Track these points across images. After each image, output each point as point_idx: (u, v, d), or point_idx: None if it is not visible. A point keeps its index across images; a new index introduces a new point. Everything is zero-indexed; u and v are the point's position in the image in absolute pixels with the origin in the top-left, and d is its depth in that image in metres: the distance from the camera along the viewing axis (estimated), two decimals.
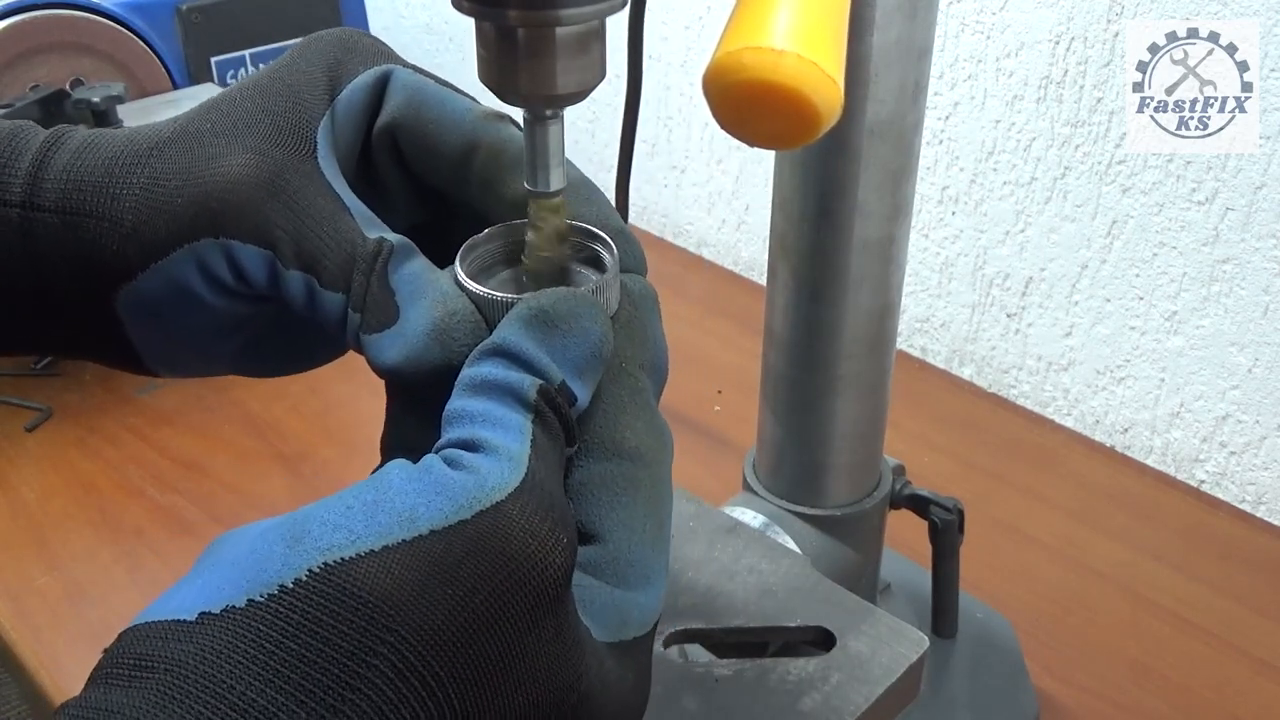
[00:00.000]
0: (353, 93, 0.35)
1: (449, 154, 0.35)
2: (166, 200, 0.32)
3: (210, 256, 0.32)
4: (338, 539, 0.24)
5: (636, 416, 0.30)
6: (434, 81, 0.36)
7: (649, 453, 0.30)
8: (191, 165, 0.33)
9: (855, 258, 0.49)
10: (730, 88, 0.27)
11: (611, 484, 0.29)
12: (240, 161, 0.33)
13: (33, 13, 0.97)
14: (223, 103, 0.34)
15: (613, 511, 0.29)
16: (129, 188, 0.33)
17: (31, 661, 0.67)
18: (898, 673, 0.41)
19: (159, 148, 0.33)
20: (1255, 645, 0.68)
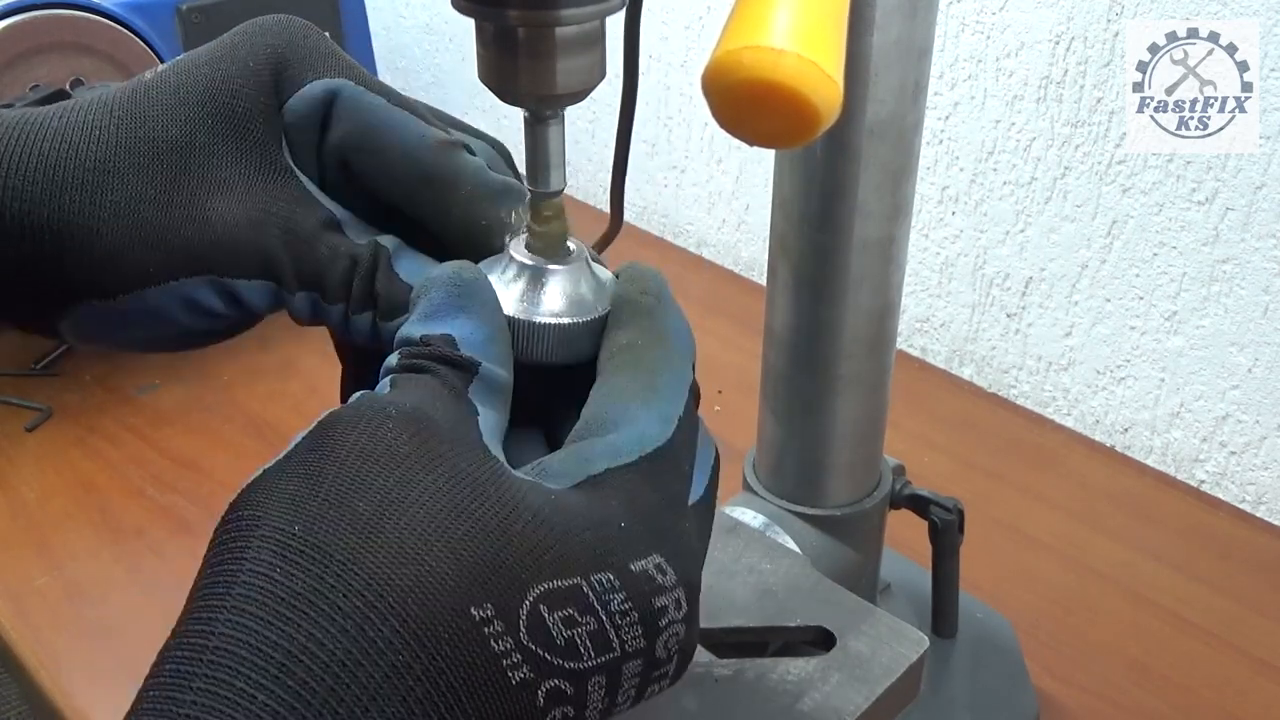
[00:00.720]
0: (300, 104, 0.33)
1: (401, 185, 0.34)
2: (153, 232, 0.31)
3: (202, 290, 0.32)
4: None
5: (623, 372, 0.31)
6: (382, 101, 0.34)
7: (643, 342, 0.31)
8: (173, 192, 0.32)
9: (855, 258, 0.49)
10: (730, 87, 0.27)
11: (603, 377, 0.31)
12: (233, 199, 0.32)
13: (33, 13, 0.97)
14: (166, 98, 0.33)
15: (595, 393, 0.30)
16: (99, 206, 0.31)
17: (31, 661, 0.67)
18: (898, 673, 0.41)
19: (120, 159, 0.32)
20: (1255, 645, 0.68)
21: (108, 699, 0.65)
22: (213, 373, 0.92)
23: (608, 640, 0.26)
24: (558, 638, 0.25)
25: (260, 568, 0.24)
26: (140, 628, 0.69)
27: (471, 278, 0.30)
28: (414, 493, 0.25)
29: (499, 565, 0.25)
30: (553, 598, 0.25)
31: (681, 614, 0.28)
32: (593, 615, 0.26)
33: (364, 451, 0.26)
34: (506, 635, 0.25)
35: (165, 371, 0.92)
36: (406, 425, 0.26)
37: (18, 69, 0.97)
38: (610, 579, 0.26)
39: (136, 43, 1.02)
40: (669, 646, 0.28)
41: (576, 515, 0.27)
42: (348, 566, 0.24)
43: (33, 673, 0.67)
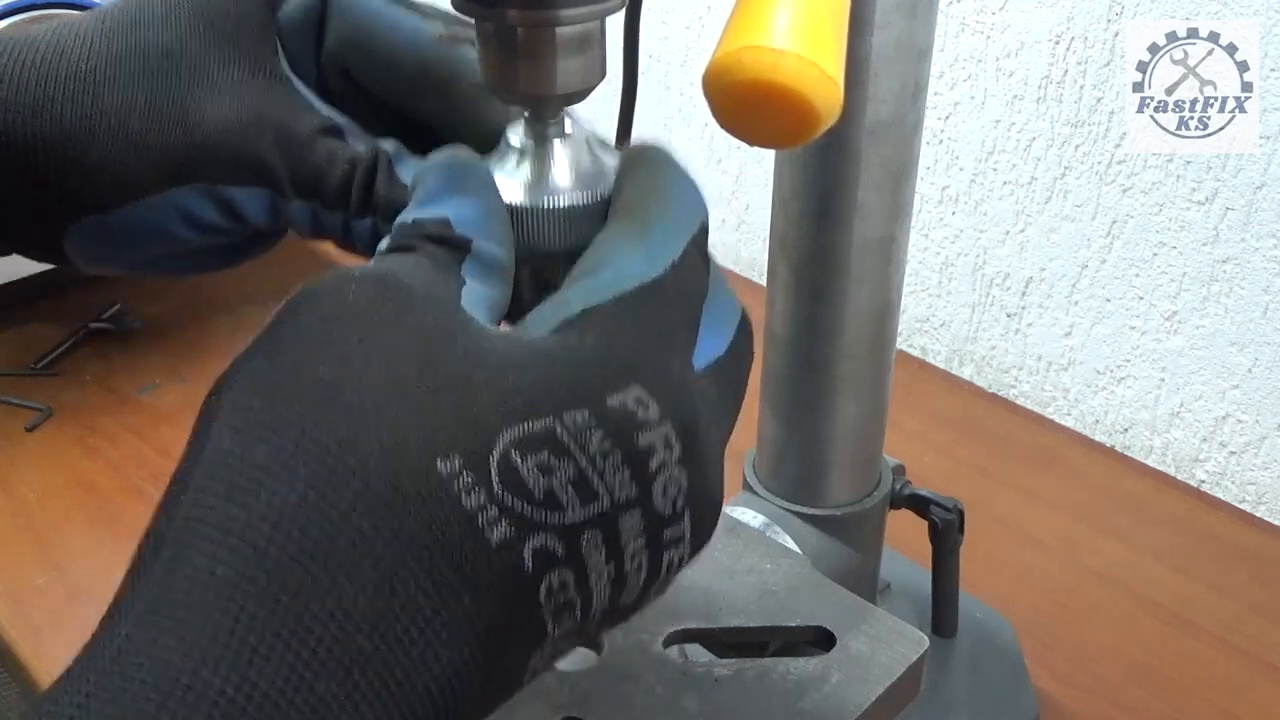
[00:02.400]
0: (294, 9, 0.33)
1: (401, 83, 0.33)
2: (144, 139, 0.31)
3: (196, 200, 0.32)
4: None
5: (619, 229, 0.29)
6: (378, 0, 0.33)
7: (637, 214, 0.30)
8: (165, 99, 0.31)
9: (855, 258, 0.49)
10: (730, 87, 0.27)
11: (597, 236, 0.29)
12: (223, 103, 0.31)
13: (33, 13, 0.97)
14: (157, 5, 0.32)
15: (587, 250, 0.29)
16: (89, 116, 0.31)
17: (31, 661, 0.67)
18: (898, 672, 0.41)
19: (110, 68, 0.31)
20: (1255, 645, 0.68)
21: None
22: (213, 373, 0.91)
23: (591, 487, 0.24)
24: (535, 487, 0.23)
25: (222, 444, 0.23)
26: None
27: (466, 159, 0.29)
28: (375, 350, 0.24)
29: (464, 414, 0.23)
30: (524, 443, 0.23)
31: (674, 455, 0.25)
32: (570, 458, 0.24)
33: (325, 316, 0.24)
34: (478, 487, 0.23)
35: (165, 371, 0.92)
36: (372, 286, 0.25)
37: None
38: (584, 416, 0.24)
39: None
40: (669, 496, 0.25)
41: (547, 355, 0.25)
42: (306, 433, 0.22)
43: (33, 673, 0.67)
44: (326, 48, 0.33)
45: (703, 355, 0.28)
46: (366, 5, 0.33)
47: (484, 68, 0.31)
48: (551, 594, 0.24)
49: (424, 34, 0.33)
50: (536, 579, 0.23)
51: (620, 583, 0.25)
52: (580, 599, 0.24)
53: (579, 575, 0.24)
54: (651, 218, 0.29)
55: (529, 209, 0.30)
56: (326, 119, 0.33)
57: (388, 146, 0.32)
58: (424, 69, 0.33)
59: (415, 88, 0.33)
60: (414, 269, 0.26)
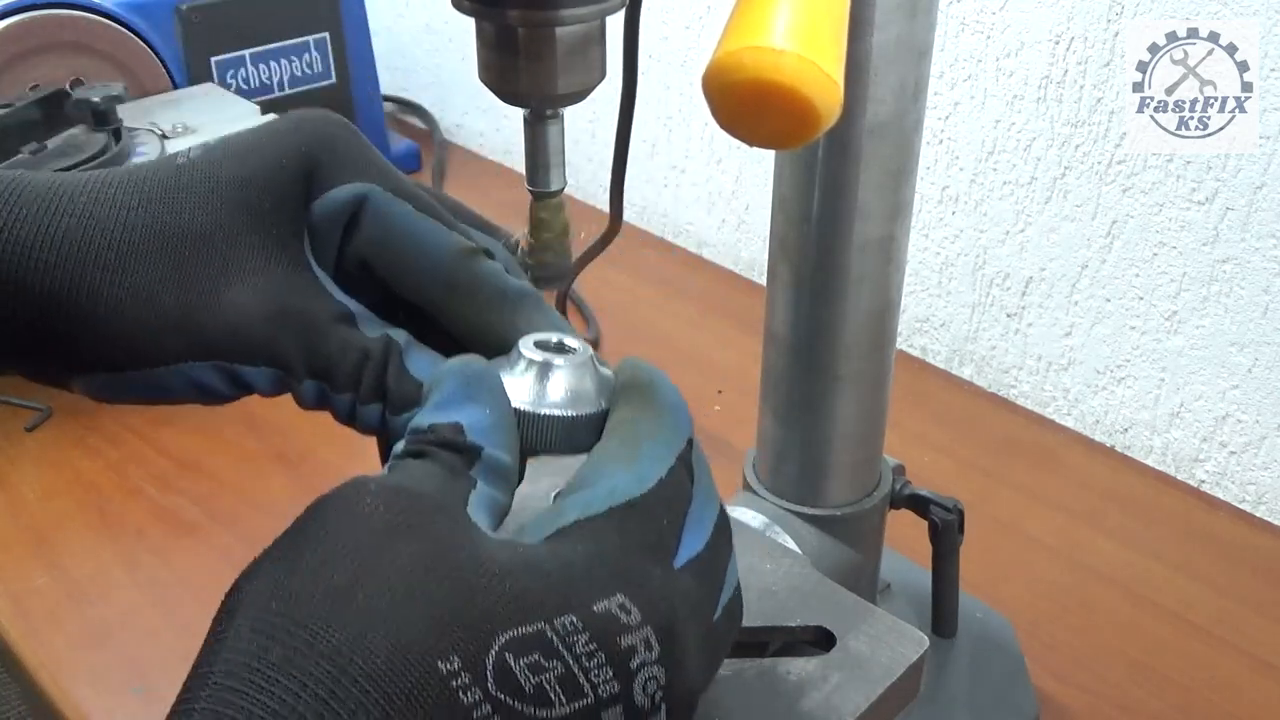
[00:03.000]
0: (327, 207, 0.34)
1: (424, 289, 0.35)
2: (168, 317, 0.32)
3: (208, 373, 0.33)
4: None
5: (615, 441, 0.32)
6: (409, 210, 0.35)
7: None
8: (194, 281, 0.32)
9: (855, 258, 0.49)
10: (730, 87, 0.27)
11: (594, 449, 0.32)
12: (245, 295, 0.33)
13: (33, 13, 0.97)
14: (198, 185, 0.33)
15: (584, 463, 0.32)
16: (118, 289, 0.32)
17: (31, 661, 0.67)
18: (898, 672, 0.41)
19: (146, 245, 0.32)
20: (1255, 645, 0.68)
21: (108, 699, 0.65)
22: None
23: (578, 684, 0.26)
24: (526, 685, 0.25)
25: (240, 644, 0.25)
26: (140, 628, 0.69)
27: (480, 369, 0.32)
28: (387, 558, 0.26)
29: (464, 619, 0.25)
30: (518, 645, 0.26)
31: (654, 655, 0.28)
32: (558, 659, 0.26)
33: (341, 526, 0.27)
34: (475, 686, 0.25)
35: None
36: (386, 497, 0.27)
37: (18, 69, 0.97)
38: (573, 621, 0.27)
39: (136, 43, 1.02)
40: (648, 692, 0.27)
41: (540, 563, 0.28)
42: (319, 635, 0.24)
43: (33, 673, 0.67)
44: (354, 244, 0.35)
45: (684, 554, 0.30)
46: (399, 215, 0.35)
47: (484, 68, 0.31)
48: None
49: (449, 248, 0.35)
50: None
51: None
52: None
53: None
54: (642, 438, 0.31)
55: (534, 416, 0.32)
56: (342, 307, 0.34)
57: (399, 337, 0.34)
58: (447, 281, 0.35)
59: (436, 293, 0.35)
60: (426, 477, 0.29)
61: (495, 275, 0.35)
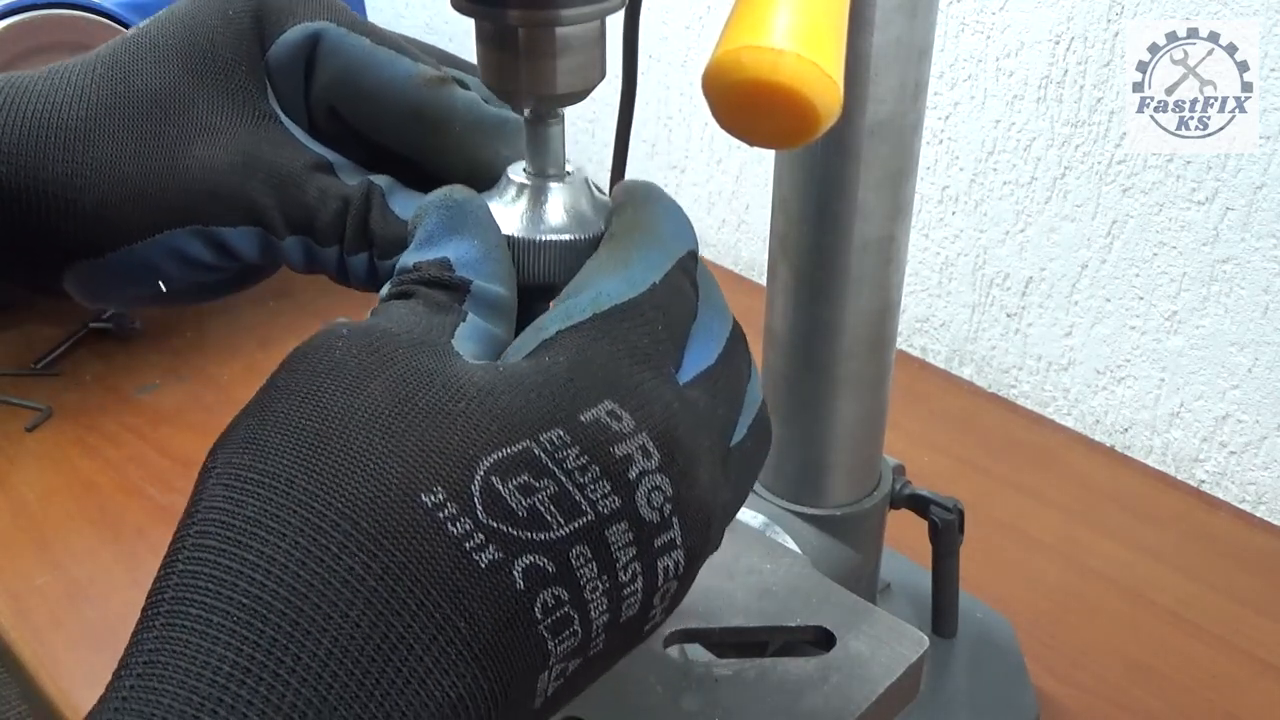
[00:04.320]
0: (282, 50, 0.33)
1: (392, 126, 0.34)
2: (135, 185, 0.31)
3: (189, 241, 0.32)
4: None
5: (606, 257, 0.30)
6: (366, 42, 0.33)
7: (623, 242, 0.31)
8: (155, 144, 0.31)
9: (855, 258, 0.49)
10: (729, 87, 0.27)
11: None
12: (214, 146, 0.32)
13: (33, 13, 0.97)
14: (147, 51, 0.32)
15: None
16: (82, 165, 0.31)
17: (31, 661, 0.67)
18: (898, 672, 0.41)
19: (102, 117, 0.31)
20: (1255, 645, 0.68)
21: None
22: (213, 373, 0.92)
23: (574, 502, 0.24)
24: (518, 508, 0.24)
25: (214, 503, 0.24)
26: None
27: (464, 198, 0.30)
28: (358, 399, 0.25)
29: (444, 447, 0.24)
30: (503, 467, 0.24)
31: (654, 463, 0.26)
32: (549, 477, 0.24)
33: (312, 373, 0.25)
34: (463, 516, 0.23)
35: (165, 371, 0.92)
36: (359, 339, 0.26)
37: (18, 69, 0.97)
38: (560, 435, 0.25)
39: None
40: (654, 504, 0.26)
41: (521, 379, 0.26)
42: (294, 483, 0.23)
43: (33, 673, 0.67)
44: (315, 88, 0.34)
45: (690, 367, 0.29)
46: (356, 47, 0.33)
47: (484, 67, 0.31)
48: (547, 611, 0.24)
49: (414, 76, 0.33)
50: (530, 598, 0.24)
51: (616, 594, 0.25)
52: (578, 615, 0.25)
53: (573, 590, 0.24)
54: (635, 245, 0.30)
55: (528, 242, 0.31)
56: (317, 156, 0.33)
57: (380, 181, 0.33)
58: (415, 111, 0.33)
59: (406, 129, 0.34)
60: (405, 316, 0.27)
61: (471, 103, 0.33)
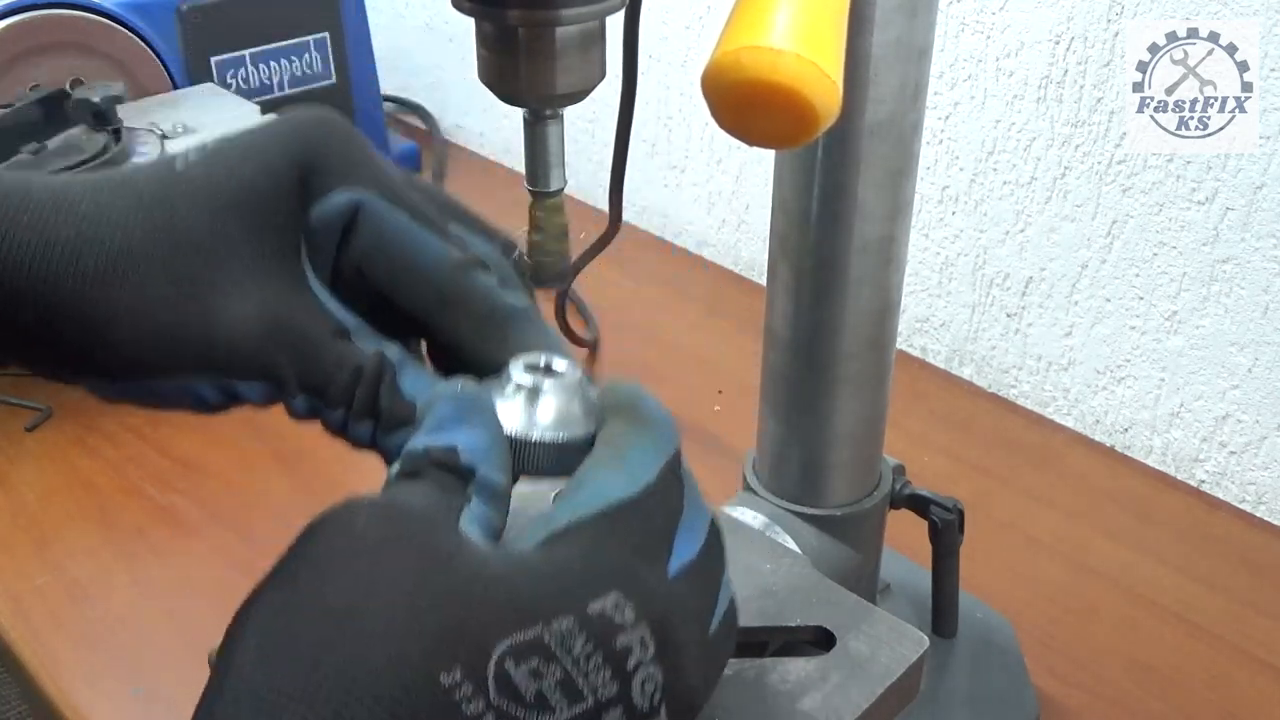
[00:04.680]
0: (323, 214, 0.34)
1: (416, 299, 0.35)
2: (164, 331, 0.32)
3: (201, 385, 0.33)
4: None
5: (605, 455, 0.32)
6: (405, 219, 0.35)
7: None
8: (190, 293, 0.32)
9: (855, 257, 0.49)
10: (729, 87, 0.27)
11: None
12: (241, 309, 0.33)
13: (33, 13, 0.97)
14: (195, 194, 0.33)
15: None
16: (116, 301, 0.31)
17: (31, 661, 0.67)
18: (898, 672, 0.41)
19: (142, 254, 0.32)
20: (1255, 645, 0.68)
21: (108, 699, 0.65)
22: None
23: (576, 688, 0.26)
24: (526, 691, 0.26)
25: (245, 670, 0.25)
26: (140, 628, 0.69)
27: (474, 393, 0.32)
28: (382, 575, 0.26)
29: (463, 629, 0.26)
30: (517, 651, 0.26)
31: (649, 654, 0.28)
32: (557, 663, 0.26)
33: (335, 546, 0.27)
34: (477, 696, 0.25)
35: None
36: (379, 514, 0.28)
37: (18, 69, 0.97)
38: (569, 624, 0.27)
39: (136, 43, 1.02)
40: (647, 692, 0.28)
41: (535, 568, 0.28)
42: (322, 658, 0.25)
43: (33, 673, 0.67)
44: (349, 251, 0.35)
45: (676, 561, 0.31)
46: (395, 223, 0.34)
47: (484, 68, 0.31)
48: None
49: (444, 260, 0.35)
50: None
51: None
52: None
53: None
54: (630, 446, 0.32)
55: (524, 441, 0.33)
56: (339, 322, 0.34)
57: (393, 354, 0.35)
58: (439, 292, 0.35)
59: (428, 305, 0.35)
60: (419, 496, 0.29)
61: (488, 291, 0.35)
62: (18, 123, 0.90)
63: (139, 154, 0.93)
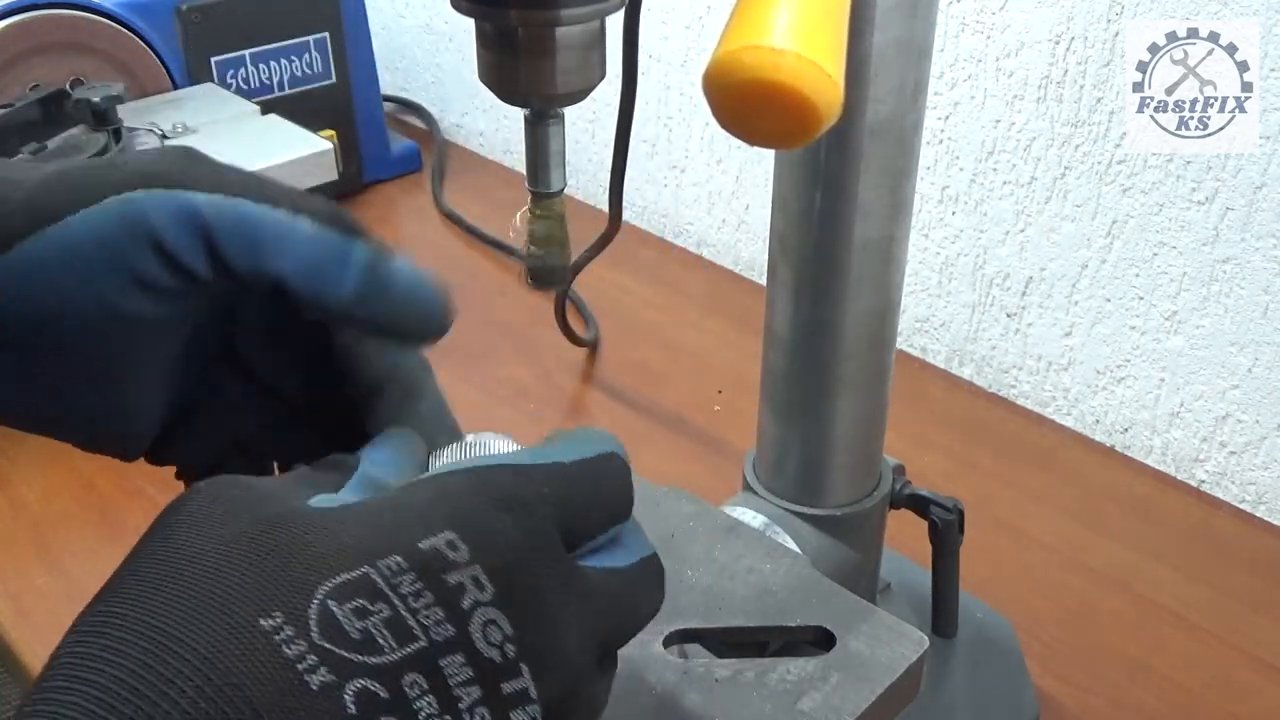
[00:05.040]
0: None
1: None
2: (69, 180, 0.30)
3: (131, 247, 0.30)
4: None
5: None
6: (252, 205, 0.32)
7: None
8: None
9: (855, 257, 0.49)
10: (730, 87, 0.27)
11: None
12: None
13: (33, 13, 0.97)
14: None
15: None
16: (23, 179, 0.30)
17: (31, 661, 0.67)
18: (898, 672, 0.41)
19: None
20: (1255, 645, 0.68)
21: None
22: None
23: (406, 626, 0.25)
24: (351, 631, 0.24)
25: (64, 648, 0.25)
26: None
27: (407, 433, 0.33)
28: (208, 542, 0.26)
29: (285, 574, 0.25)
30: (340, 591, 0.24)
31: (488, 595, 0.26)
32: (384, 601, 0.25)
33: (168, 522, 0.27)
34: (299, 638, 0.24)
35: None
36: (215, 490, 0.27)
37: (18, 69, 0.97)
38: (398, 561, 0.25)
39: (136, 43, 1.03)
40: (492, 640, 0.26)
41: (373, 513, 0.27)
42: (132, 619, 0.24)
43: (33, 673, 0.67)
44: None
45: (599, 559, 0.30)
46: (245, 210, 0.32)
47: (484, 68, 0.31)
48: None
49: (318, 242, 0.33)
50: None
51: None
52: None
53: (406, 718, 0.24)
54: (554, 439, 0.31)
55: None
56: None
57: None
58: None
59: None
60: (275, 481, 0.29)
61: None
62: (18, 123, 0.90)
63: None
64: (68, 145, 0.91)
